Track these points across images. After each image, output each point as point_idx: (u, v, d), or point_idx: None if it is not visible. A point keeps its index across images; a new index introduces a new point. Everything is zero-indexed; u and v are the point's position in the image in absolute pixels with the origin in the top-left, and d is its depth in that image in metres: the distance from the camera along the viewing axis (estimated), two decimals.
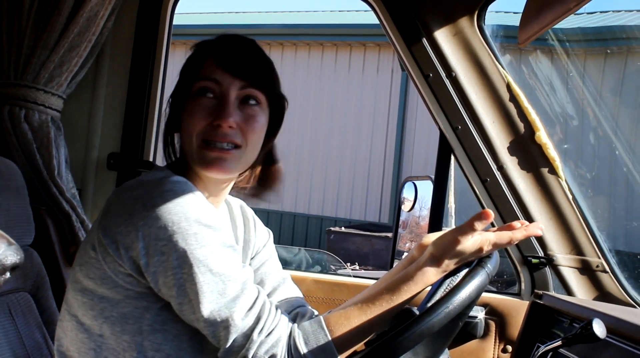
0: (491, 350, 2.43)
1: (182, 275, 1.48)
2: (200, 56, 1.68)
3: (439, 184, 2.52)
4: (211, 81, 1.63)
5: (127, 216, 1.51)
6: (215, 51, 1.66)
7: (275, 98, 1.71)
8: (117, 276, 1.54)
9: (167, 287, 1.50)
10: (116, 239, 1.51)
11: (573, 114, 3.82)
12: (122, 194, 1.56)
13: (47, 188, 2.31)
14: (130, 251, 1.50)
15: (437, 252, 1.57)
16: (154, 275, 1.50)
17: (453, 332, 1.65)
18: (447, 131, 2.42)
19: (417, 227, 2.90)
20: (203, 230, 1.50)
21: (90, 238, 1.59)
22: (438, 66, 2.38)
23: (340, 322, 1.55)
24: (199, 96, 1.63)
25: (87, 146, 2.52)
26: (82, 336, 1.58)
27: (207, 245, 1.49)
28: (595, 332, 1.53)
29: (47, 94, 2.32)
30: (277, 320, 1.53)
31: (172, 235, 1.47)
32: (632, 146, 7.22)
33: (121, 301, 1.55)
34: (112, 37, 2.50)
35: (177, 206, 1.50)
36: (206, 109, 1.62)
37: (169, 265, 1.48)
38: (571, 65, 4.32)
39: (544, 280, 2.42)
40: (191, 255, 1.48)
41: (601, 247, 2.40)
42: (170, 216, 1.48)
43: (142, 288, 1.54)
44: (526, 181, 2.40)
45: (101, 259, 1.54)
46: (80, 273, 1.59)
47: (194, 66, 1.67)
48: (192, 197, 1.53)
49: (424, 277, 1.56)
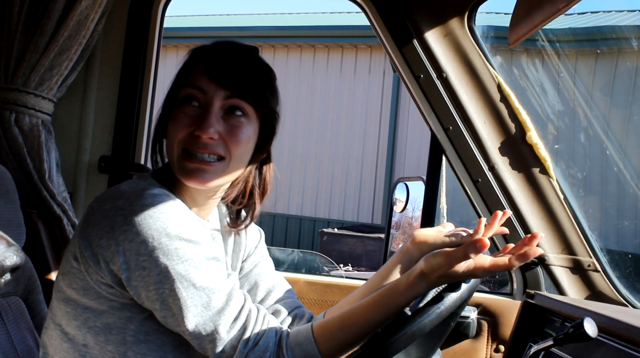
0: (484, 350, 2.44)
1: (164, 290, 1.47)
2: (192, 62, 1.64)
3: (431, 184, 2.52)
4: (196, 88, 1.59)
5: (108, 229, 1.49)
6: (205, 58, 1.62)
7: (265, 110, 1.65)
8: (99, 287, 1.52)
9: (150, 301, 1.49)
10: (96, 252, 1.50)
11: (564, 114, 3.82)
12: (103, 204, 1.54)
13: (38, 191, 2.30)
14: (111, 264, 1.49)
15: (427, 270, 1.52)
16: (135, 288, 1.49)
17: (445, 332, 1.66)
18: (439, 131, 2.43)
19: (410, 228, 2.90)
20: (184, 244, 1.48)
21: (72, 247, 1.57)
22: (429, 67, 2.38)
23: (329, 333, 1.54)
24: (184, 103, 1.60)
25: (78, 150, 2.51)
26: (66, 345, 1.58)
27: (188, 259, 1.47)
28: (587, 331, 1.53)
29: (37, 98, 2.31)
30: (264, 328, 1.53)
31: (152, 251, 1.46)
32: (622, 146, 7.24)
33: (105, 311, 1.53)
34: (102, 40, 2.49)
35: (158, 221, 1.47)
36: (189, 117, 1.58)
37: (150, 280, 1.47)
38: (562, 66, 4.33)
39: (535, 279, 2.42)
40: (173, 270, 1.46)
41: (592, 247, 2.41)
42: (150, 232, 1.46)
43: (126, 299, 1.53)
44: (517, 181, 2.40)
45: (83, 270, 1.53)
46: (64, 282, 1.57)
47: (184, 73, 1.64)
48: (173, 211, 1.50)
49: (412, 292, 1.53)
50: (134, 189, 1.55)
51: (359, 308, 1.55)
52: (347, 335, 1.54)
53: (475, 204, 2.43)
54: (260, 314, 1.55)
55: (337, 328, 1.54)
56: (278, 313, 1.79)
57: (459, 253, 1.48)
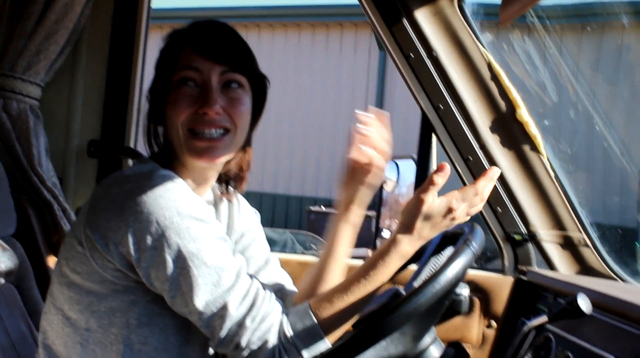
0: (476, 327, 2.45)
1: (175, 269, 1.48)
2: (176, 45, 1.64)
3: (422, 163, 2.53)
4: (191, 69, 1.60)
5: (117, 212, 1.49)
6: (191, 38, 1.63)
7: (256, 79, 1.69)
8: (104, 271, 1.53)
9: (160, 281, 1.50)
10: (106, 235, 1.50)
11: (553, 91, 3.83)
12: (110, 189, 1.55)
13: (28, 177, 2.29)
14: (121, 246, 1.49)
15: (406, 219, 1.54)
16: (146, 269, 1.49)
17: (440, 310, 1.67)
18: (429, 110, 2.42)
19: (397, 204, 2.92)
20: (195, 223, 1.49)
21: (76, 232, 1.57)
22: (419, 45, 2.37)
23: (325, 305, 1.55)
24: (181, 85, 1.61)
25: (67, 134, 2.49)
26: (68, 330, 1.58)
27: (200, 238, 1.49)
28: (581, 308, 1.54)
29: (25, 83, 2.29)
30: (271, 306, 1.53)
31: (164, 230, 1.47)
32: (611, 121, 7.27)
33: (108, 295, 1.54)
34: (89, 23, 2.47)
35: (169, 201, 1.49)
36: (189, 98, 1.60)
37: (161, 259, 1.47)
38: (551, 41, 4.33)
39: (526, 255, 2.44)
40: (185, 249, 1.47)
41: (582, 222, 2.42)
42: (162, 211, 1.47)
43: (130, 282, 1.53)
44: (508, 159, 2.41)
45: (88, 255, 1.53)
46: (67, 267, 1.57)
47: (171, 57, 1.64)
48: (182, 191, 1.52)
49: (399, 248, 1.54)
50: (140, 172, 1.55)
51: (353, 277, 1.56)
52: (345, 305, 1.54)
53: (466, 183, 2.43)
54: (266, 293, 1.55)
55: (334, 298, 1.55)
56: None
57: (425, 183, 1.52)
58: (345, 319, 1.57)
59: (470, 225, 1.69)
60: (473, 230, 1.64)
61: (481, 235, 1.64)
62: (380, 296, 1.67)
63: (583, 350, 1.65)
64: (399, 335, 1.61)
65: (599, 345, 1.62)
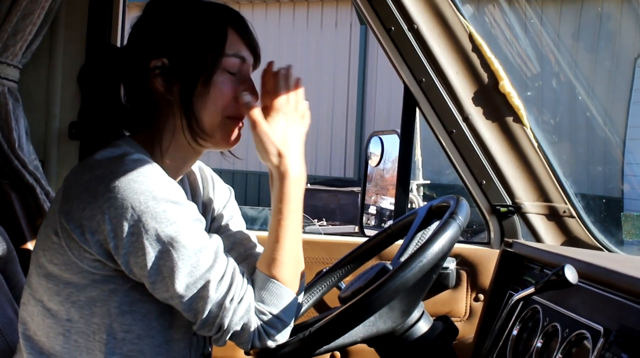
0: (464, 300, 2.46)
1: (155, 254, 1.46)
2: (220, 27, 1.61)
3: (405, 138, 2.52)
4: (239, 58, 1.62)
5: (91, 199, 1.47)
6: (237, 25, 1.63)
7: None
8: (82, 261, 1.50)
9: (139, 267, 1.48)
10: (81, 224, 1.47)
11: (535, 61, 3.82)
12: (81, 176, 1.52)
13: (9, 161, 2.26)
14: (97, 235, 1.47)
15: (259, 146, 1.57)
16: (124, 256, 1.47)
17: (427, 285, 1.67)
18: (412, 84, 2.41)
19: (382, 180, 2.92)
20: (171, 206, 1.47)
21: (51, 222, 1.54)
22: (399, 19, 2.35)
23: (271, 262, 1.56)
24: (226, 71, 1.60)
25: (47, 117, 2.46)
26: (49, 321, 1.56)
27: (177, 221, 1.47)
28: (568, 278, 1.55)
29: (2, 65, 2.25)
30: (245, 286, 1.53)
31: (140, 215, 1.45)
32: (593, 90, 7.28)
33: (88, 285, 1.52)
34: (65, 2, 2.42)
35: (142, 185, 1.46)
36: (231, 84, 1.60)
37: (139, 245, 1.46)
38: (532, 11, 4.31)
39: (512, 228, 2.44)
40: (162, 233, 1.46)
41: (567, 193, 2.43)
42: (136, 196, 1.45)
43: (109, 271, 1.51)
44: (492, 131, 2.40)
45: (65, 245, 1.50)
46: (44, 258, 1.55)
47: (215, 39, 1.60)
48: (155, 174, 1.50)
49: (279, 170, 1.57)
50: (111, 156, 1.53)
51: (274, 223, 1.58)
52: (288, 252, 1.57)
53: (450, 156, 2.43)
54: (240, 273, 1.55)
55: (275, 252, 1.56)
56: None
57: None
58: (298, 263, 1.60)
59: (456, 198, 1.69)
60: (458, 203, 1.64)
61: (467, 207, 1.64)
62: (366, 272, 1.67)
63: (570, 320, 1.66)
64: (387, 310, 1.61)
65: (585, 314, 1.63)
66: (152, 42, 1.61)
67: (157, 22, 1.64)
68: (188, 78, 1.58)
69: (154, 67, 1.60)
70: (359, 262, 1.95)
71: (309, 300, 1.89)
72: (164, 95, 1.60)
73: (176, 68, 1.59)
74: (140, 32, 1.65)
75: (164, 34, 1.61)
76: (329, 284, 1.93)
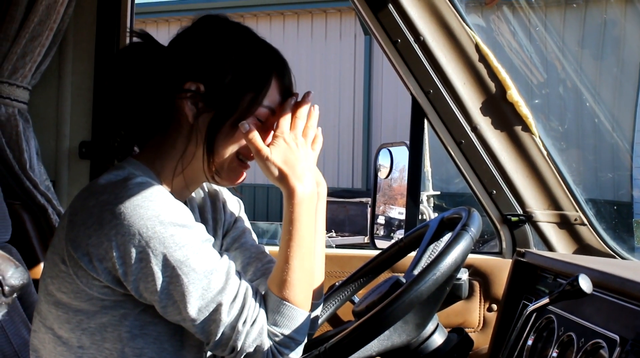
0: (477, 310, 2.46)
1: (164, 279, 1.45)
2: (266, 71, 1.61)
3: (414, 149, 2.53)
4: (270, 110, 1.61)
5: (97, 226, 1.45)
6: (281, 71, 1.64)
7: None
8: (91, 289, 1.49)
9: (150, 292, 1.47)
10: (88, 251, 1.46)
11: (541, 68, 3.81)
12: (86, 201, 1.50)
13: (20, 182, 2.27)
14: (105, 262, 1.46)
15: (265, 171, 1.57)
16: (134, 282, 1.46)
17: (441, 297, 1.66)
18: (419, 95, 2.42)
19: (390, 189, 2.92)
20: (179, 230, 1.46)
21: (58, 249, 1.52)
22: (405, 31, 2.36)
23: (282, 283, 1.54)
24: (256, 117, 1.60)
25: (57, 137, 2.47)
26: (60, 349, 1.54)
27: (185, 245, 1.45)
28: (582, 288, 1.54)
29: (12, 87, 2.27)
30: (258, 307, 1.52)
31: (148, 241, 1.43)
32: (600, 96, 7.26)
33: (97, 312, 1.51)
34: (73, 23, 2.44)
35: (149, 210, 1.45)
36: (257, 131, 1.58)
37: (148, 271, 1.44)
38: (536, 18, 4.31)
39: (524, 237, 2.44)
40: (171, 258, 1.44)
41: (578, 200, 2.42)
42: (143, 222, 1.43)
43: (118, 296, 1.50)
44: (501, 141, 2.40)
45: (72, 273, 1.49)
46: (53, 286, 1.53)
47: (259, 82, 1.60)
48: (161, 198, 1.48)
49: (291, 193, 1.57)
50: (115, 181, 1.51)
51: (284, 246, 1.56)
52: (299, 274, 1.55)
53: (459, 166, 2.43)
54: (253, 293, 1.54)
55: (286, 273, 1.54)
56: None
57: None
58: (309, 285, 1.58)
59: (467, 209, 1.69)
60: (470, 214, 1.64)
61: (478, 218, 1.64)
62: (380, 286, 1.67)
63: (586, 330, 1.66)
64: (401, 323, 1.61)
65: (601, 324, 1.62)
66: (193, 62, 1.59)
67: (206, 43, 1.61)
68: (220, 113, 1.57)
69: (187, 89, 1.58)
70: (371, 275, 1.95)
71: (323, 315, 1.89)
72: (188, 118, 1.58)
73: (210, 98, 1.57)
74: (184, 47, 1.62)
75: (209, 59, 1.58)
76: (343, 298, 1.93)
